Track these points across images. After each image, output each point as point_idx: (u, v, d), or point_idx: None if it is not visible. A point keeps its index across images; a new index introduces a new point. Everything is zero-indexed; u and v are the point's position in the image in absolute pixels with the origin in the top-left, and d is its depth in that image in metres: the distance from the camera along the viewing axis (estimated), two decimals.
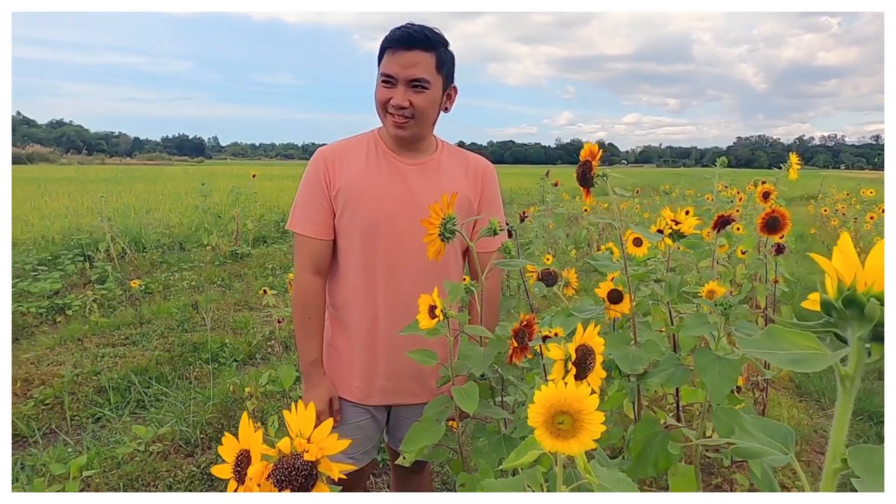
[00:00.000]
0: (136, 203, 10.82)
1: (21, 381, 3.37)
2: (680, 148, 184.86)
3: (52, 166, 42.94)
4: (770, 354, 0.41)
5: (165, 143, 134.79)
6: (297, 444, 0.65)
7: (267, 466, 0.64)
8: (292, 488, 0.63)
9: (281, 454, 0.65)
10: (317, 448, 0.65)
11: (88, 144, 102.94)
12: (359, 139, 1.47)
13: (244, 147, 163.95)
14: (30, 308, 4.64)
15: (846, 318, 0.41)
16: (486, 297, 1.52)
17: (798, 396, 3.47)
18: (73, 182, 17.70)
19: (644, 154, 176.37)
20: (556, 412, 0.87)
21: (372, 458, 1.62)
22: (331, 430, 1.51)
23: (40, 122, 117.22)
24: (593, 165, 1.40)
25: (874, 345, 0.40)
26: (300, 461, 0.64)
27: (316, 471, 0.65)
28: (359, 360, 1.47)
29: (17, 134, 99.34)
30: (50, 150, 68.14)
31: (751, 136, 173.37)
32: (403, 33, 1.32)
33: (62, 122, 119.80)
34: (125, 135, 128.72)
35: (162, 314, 4.69)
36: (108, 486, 2.39)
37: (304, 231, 1.43)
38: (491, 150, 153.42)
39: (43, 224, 7.86)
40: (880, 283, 0.39)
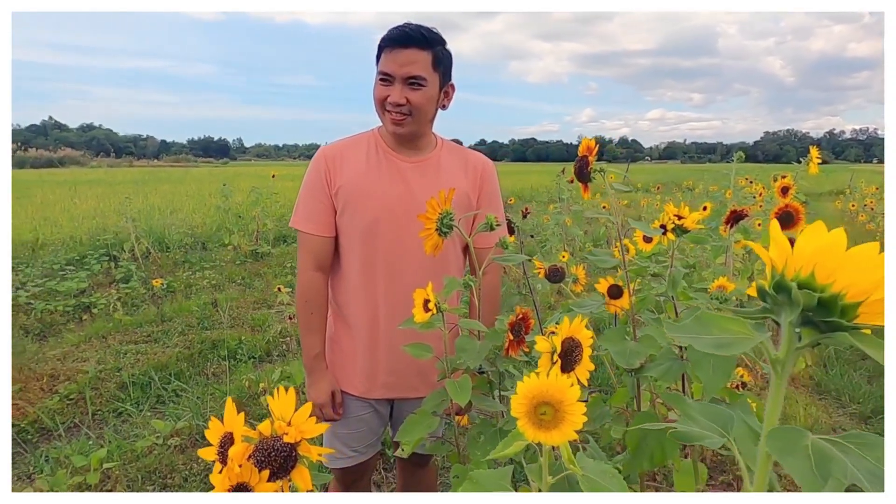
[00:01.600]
0: (161, 204, 11.06)
1: (47, 377, 3.48)
2: (705, 143, 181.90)
3: (82, 169, 44.05)
4: (695, 339, 0.42)
5: (191, 144, 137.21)
6: (278, 427, 0.68)
7: (248, 448, 0.67)
8: (272, 469, 0.66)
9: (262, 436, 0.68)
10: (296, 431, 0.68)
11: (117, 147, 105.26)
12: (359, 138, 1.50)
13: (268, 148, 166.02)
14: (57, 306, 4.79)
15: (779, 304, 0.42)
16: (486, 292, 1.54)
17: (818, 395, 3.41)
18: (101, 184, 18.14)
19: (668, 150, 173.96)
20: (538, 403, 0.89)
21: (376, 450, 1.65)
22: (334, 422, 1.55)
23: (71, 126, 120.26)
24: (590, 161, 1.41)
25: (804, 329, 0.42)
26: (279, 443, 0.67)
27: (295, 453, 0.68)
28: (361, 356, 1.50)
29: (49, 138, 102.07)
30: (80, 154, 69.83)
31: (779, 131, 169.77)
32: (400, 32, 1.35)
33: (92, 126, 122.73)
34: (152, 137, 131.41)
35: (183, 312, 4.79)
36: (127, 478, 2.47)
37: (307, 229, 1.46)
38: (513, 147, 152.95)
39: (72, 225, 8.08)
40: (808, 268, 0.41)
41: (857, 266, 0.39)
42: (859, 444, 0.37)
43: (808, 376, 3.56)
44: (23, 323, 4.53)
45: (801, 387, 3.48)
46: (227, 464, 0.66)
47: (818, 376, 3.51)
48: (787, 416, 2.92)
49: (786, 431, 0.38)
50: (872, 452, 0.37)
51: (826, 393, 3.42)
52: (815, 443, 0.37)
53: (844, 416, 3.15)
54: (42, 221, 8.42)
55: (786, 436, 0.38)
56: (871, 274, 0.39)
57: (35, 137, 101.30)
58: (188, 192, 14.20)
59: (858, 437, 0.38)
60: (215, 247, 7.54)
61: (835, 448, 0.37)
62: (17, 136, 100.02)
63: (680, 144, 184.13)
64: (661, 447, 1.24)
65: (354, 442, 1.57)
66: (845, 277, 0.39)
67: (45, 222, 8.35)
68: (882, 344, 0.39)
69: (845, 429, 2.98)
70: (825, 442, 0.38)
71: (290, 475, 0.68)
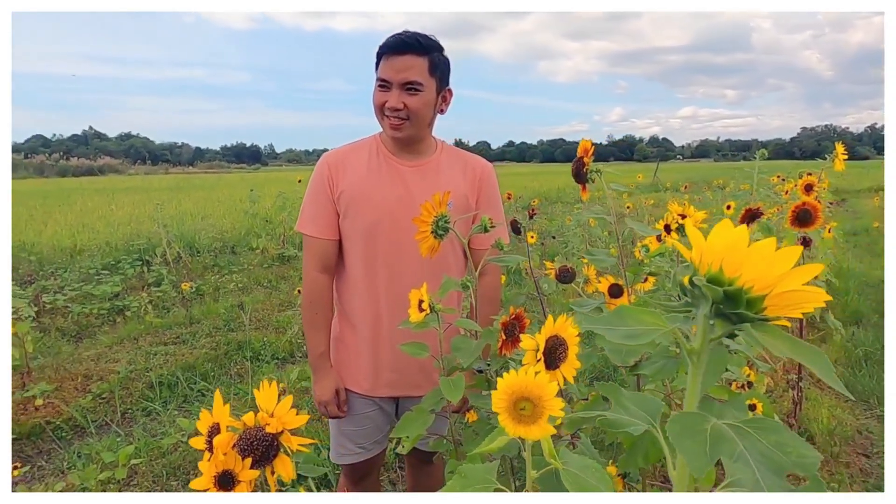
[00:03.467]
0: (193, 210, 11.36)
1: (81, 377, 3.64)
2: (739, 141, 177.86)
3: (120, 177, 45.46)
4: (608, 330, 0.45)
5: (224, 151, 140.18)
6: (260, 418, 0.73)
7: (232, 437, 0.72)
8: (254, 457, 0.70)
9: (245, 426, 0.72)
10: (278, 422, 0.72)
11: (154, 155, 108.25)
12: (361, 143, 1.55)
13: (298, 153, 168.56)
14: (92, 309, 4.98)
15: (696, 298, 0.45)
16: (486, 292, 1.57)
17: (844, 397, 3.33)
18: (138, 191, 18.70)
19: (701, 148, 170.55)
20: (517, 398, 0.92)
21: (382, 447, 1.69)
22: (340, 419, 1.59)
23: (111, 136, 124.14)
24: (586, 162, 1.43)
25: (717, 321, 0.44)
26: (262, 433, 0.71)
27: (277, 442, 0.72)
28: (365, 355, 1.55)
29: (90, 147, 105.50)
30: (119, 162, 72.10)
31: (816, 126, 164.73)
32: (397, 40, 1.40)
33: (130, 135, 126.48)
34: (187, 145, 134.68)
35: (210, 315, 4.93)
36: (153, 474, 2.57)
37: (311, 232, 1.52)
38: (541, 148, 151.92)
39: (108, 231, 8.37)
40: (717, 263, 0.43)
41: (760, 261, 0.41)
42: (758, 429, 0.40)
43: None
44: (60, 325, 4.73)
45: (829, 388, 3.40)
46: (213, 451, 0.70)
47: (845, 377, 3.43)
48: (810, 419, 2.86)
49: (687, 416, 0.41)
50: (769, 436, 0.39)
51: (855, 394, 3.33)
52: (715, 427, 0.40)
53: (871, 419, 3.07)
54: (81, 228, 8.74)
55: (687, 420, 0.40)
56: (773, 268, 0.41)
57: (77, 147, 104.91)
58: (220, 197, 14.54)
59: (760, 422, 0.40)
60: (244, 251, 7.72)
61: (734, 432, 0.39)
62: (60, 145, 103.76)
63: (713, 142, 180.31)
64: (655, 446, 1.25)
65: (361, 439, 1.62)
66: (750, 272, 0.42)
67: (84, 228, 8.67)
68: (782, 335, 0.41)
69: (872, 432, 2.91)
70: (727, 427, 0.40)
71: (272, 463, 0.72)
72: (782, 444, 0.39)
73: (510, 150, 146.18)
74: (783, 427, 0.40)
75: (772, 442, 0.39)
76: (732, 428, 0.40)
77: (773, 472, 0.37)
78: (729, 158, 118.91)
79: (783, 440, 0.39)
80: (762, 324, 0.42)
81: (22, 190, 19.82)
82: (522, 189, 15.59)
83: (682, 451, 0.38)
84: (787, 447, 0.38)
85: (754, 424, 0.40)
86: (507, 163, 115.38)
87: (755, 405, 1.67)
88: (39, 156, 67.35)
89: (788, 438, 0.39)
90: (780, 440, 0.39)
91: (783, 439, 0.39)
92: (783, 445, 0.38)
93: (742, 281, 0.42)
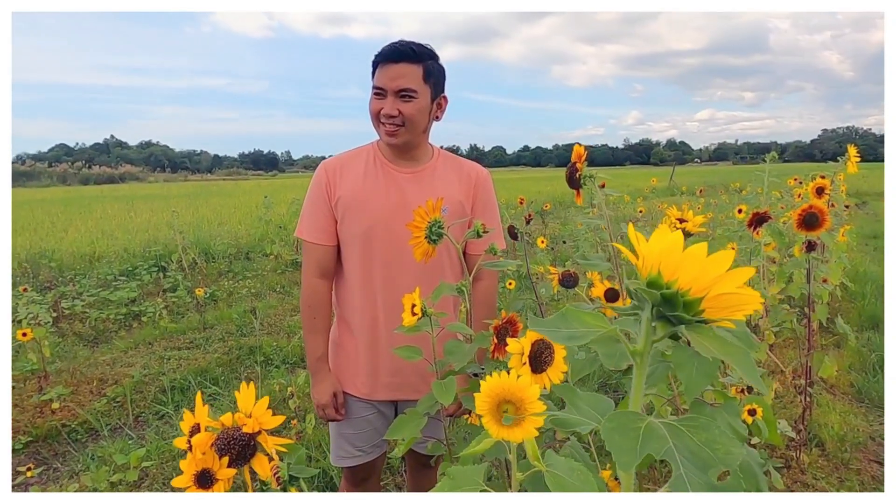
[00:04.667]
0: (210, 216, 11.53)
1: (97, 381, 3.71)
2: (758, 143, 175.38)
3: (140, 184, 46.25)
4: (552, 332, 0.46)
5: (242, 158, 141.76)
6: (238, 419, 0.75)
7: (210, 437, 0.74)
8: (231, 456, 0.73)
9: (224, 427, 0.74)
10: (255, 422, 0.74)
11: (173, 163, 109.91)
12: (359, 151, 1.58)
13: (315, 160, 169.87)
14: (109, 315, 5.07)
15: (641, 301, 0.46)
16: (481, 296, 1.58)
17: (858, 402, 3.27)
18: (157, 198, 19.01)
19: (719, 151, 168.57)
20: (500, 401, 0.93)
21: (382, 451, 1.71)
22: (340, 423, 1.61)
23: (131, 144, 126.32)
24: (578, 168, 1.44)
25: (659, 323, 0.45)
26: (238, 433, 0.73)
27: (254, 442, 0.74)
28: (363, 358, 1.57)
29: (111, 155, 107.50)
30: (140, 169, 73.37)
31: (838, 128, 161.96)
32: (391, 49, 1.42)
33: (150, 143, 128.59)
34: (206, 152, 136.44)
35: (224, 320, 5.00)
36: (163, 476, 2.61)
37: (310, 238, 1.54)
38: (556, 153, 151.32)
39: (126, 238, 8.52)
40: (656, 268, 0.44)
41: (694, 265, 0.42)
42: (691, 427, 0.41)
43: (848, 383, 3.42)
44: (78, 330, 4.83)
45: (842, 394, 3.35)
46: (192, 450, 0.73)
47: (859, 382, 3.37)
48: (821, 424, 2.82)
49: (624, 414, 0.42)
50: (700, 434, 0.40)
51: (869, 400, 3.28)
52: (650, 425, 0.41)
53: None
54: (100, 235, 8.91)
55: (622, 418, 0.41)
56: (707, 272, 0.42)
57: (99, 155, 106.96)
58: (236, 204, 14.72)
59: (693, 421, 0.41)
60: (258, 256, 7.81)
61: (667, 430, 0.40)
62: (83, 154, 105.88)
63: (731, 145, 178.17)
64: None
65: (360, 442, 1.63)
66: (685, 276, 0.43)
67: (103, 235, 8.83)
68: (714, 336, 0.42)
69: (883, 437, 2.85)
70: (661, 424, 0.41)
71: (249, 463, 0.74)
72: (712, 441, 0.40)
73: (525, 155, 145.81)
74: (715, 425, 0.41)
75: (702, 439, 0.40)
76: (666, 426, 0.41)
77: (698, 469, 0.38)
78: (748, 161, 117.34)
79: (713, 438, 0.40)
80: (698, 325, 0.43)
81: (45, 198, 20.26)
82: (536, 193, 15.56)
83: (611, 447, 0.39)
84: (715, 444, 0.39)
85: (688, 423, 0.41)
86: (522, 167, 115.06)
87: (755, 410, 1.66)
88: (63, 164, 68.80)
89: (718, 436, 0.40)
90: (709, 438, 0.40)
91: (713, 437, 0.40)
92: (712, 443, 0.39)
93: (678, 284, 0.43)
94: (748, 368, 0.39)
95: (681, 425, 0.41)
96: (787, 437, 2.50)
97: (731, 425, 1.20)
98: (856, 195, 14.50)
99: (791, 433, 2.35)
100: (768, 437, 1.64)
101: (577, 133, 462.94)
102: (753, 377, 0.39)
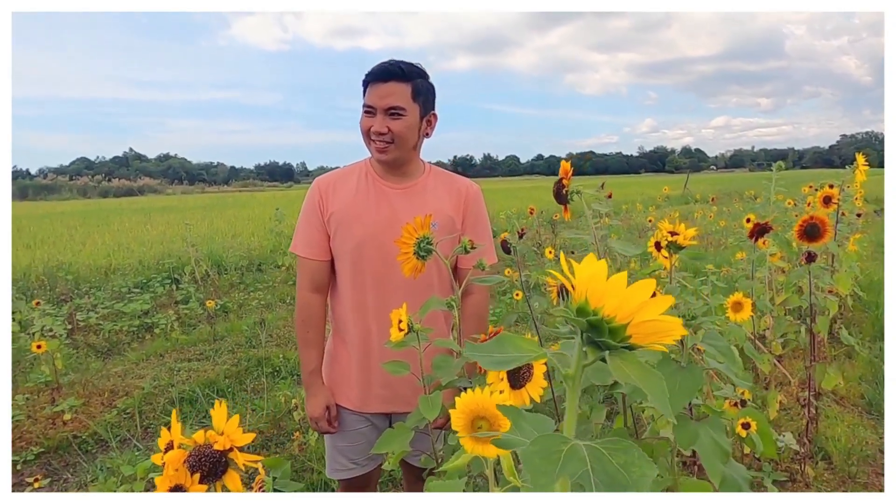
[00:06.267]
0: (224, 228, 11.67)
1: (108, 393, 3.77)
2: (775, 150, 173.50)
3: (158, 196, 46.95)
4: (483, 357, 0.47)
5: (258, 170, 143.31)
6: (210, 436, 0.77)
7: (183, 454, 0.76)
8: (202, 473, 0.75)
9: (196, 444, 0.77)
10: (226, 439, 0.77)
11: (191, 175, 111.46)
12: (352, 168, 1.61)
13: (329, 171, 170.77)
14: (122, 327, 5.16)
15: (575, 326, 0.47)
16: (471, 310, 1.60)
17: (868, 414, 3.22)
18: (173, 211, 19.28)
19: (735, 158, 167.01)
20: (474, 417, 0.94)
21: (377, 463, 1.72)
22: (334, 435, 1.63)
23: (150, 157, 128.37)
24: (565, 184, 1.45)
25: (589, 348, 0.46)
26: (209, 450, 0.75)
27: (225, 459, 0.76)
28: (356, 371, 1.59)
29: (130, 168, 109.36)
30: (157, 182, 74.51)
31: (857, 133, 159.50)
32: (381, 68, 1.45)
33: (168, 156, 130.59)
34: (223, 164, 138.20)
35: (234, 331, 5.06)
36: None
37: (303, 253, 1.57)
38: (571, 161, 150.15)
39: (141, 251, 8.66)
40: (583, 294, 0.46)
41: (616, 293, 0.44)
42: (612, 450, 0.42)
43: (858, 395, 3.37)
44: (92, 342, 4.91)
45: (851, 405, 3.30)
46: (164, 467, 0.75)
47: (869, 394, 3.32)
48: (828, 437, 2.78)
49: (548, 438, 0.43)
50: (619, 457, 0.41)
51: (879, 412, 3.22)
52: (573, 448, 0.42)
53: None
54: (116, 247, 9.07)
55: (546, 441, 0.43)
56: (629, 299, 0.44)
57: (118, 168, 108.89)
58: (250, 216, 14.89)
59: (616, 444, 0.42)
60: (270, 268, 7.90)
61: (588, 453, 0.42)
62: (102, 167, 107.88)
63: (748, 152, 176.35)
64: None
65: (354, 454, 1.65)
66: (610, 303, 0.44)
67: (119, 248, 8.99)
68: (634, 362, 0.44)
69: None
70: (586, 447, 0.42)
71: (221, 479, 0.76)
72: (629, 464, 0.41)
73: (539, 164, 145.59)
74: (635, 448, 0.42)
75: (620, 462, 0.41)
76: (589, 449, 0.42)
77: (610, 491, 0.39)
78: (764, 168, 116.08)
79: (631, 461, 0.41)
80: (623, 351, 0.45)
81: (65, 211, 20.66)
82: (548, 203, 15.53)
83: (529, 469, 0.40)
84: (632, 467, 0.40)
85: (609, 445, 0.42)
86: (536, 176, 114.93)
87: (749, 423, 1.65)
88: (83, 177, 70.08)
89: (636, 459, 0.41)
90: (628, 461, 0.41)
91: (631, 460, 0.41)
92: (629, 466, 0.40)
93: (604, 312, 0.44)
94: (659, 396, 0.40)
95: (603, 448, 0.42)
96: (793, 449, 2.47)
97: (713, 440, 1.21)
98: (875, 202, 14.30)
99: (795, 446, 2.32)
100: (763, 451, 1.63)
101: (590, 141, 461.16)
102: (664, 406, 0.40)
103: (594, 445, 0.43)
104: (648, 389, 0.40)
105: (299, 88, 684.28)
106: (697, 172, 70.38)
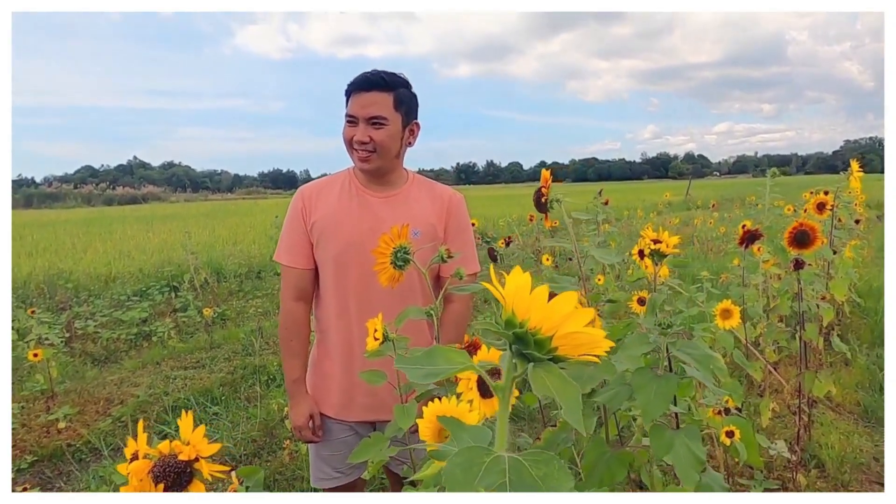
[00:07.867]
0: (225, 235, 11.71)
1: (104, 401, 3.78)
2: (778, 155, 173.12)
3: (162, 204, 47.09)
4: (412, 369, 0.48)
5: (261, 177, 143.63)
6: (175, 446, 0.78)
7: (147, 464, 0.77)
8: (166, 483, 0.76)
9: (161, 454, 0.78)
10: (192, 449, 0.77)
11: (194, 183, 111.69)
12: (336, 177, 1.63)
13: None
14: (120, 335, 5.18)
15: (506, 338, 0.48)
16: (450, 319, 1.61)
17: (865, 422, 3.21)
18: (176, 218, 19.33)
19: (738, 164, 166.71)
20: (441, 426, 0.95)
21: (362, 472, 1.72)
22: (318, 444, 1.64)
23: (154, 165, 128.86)
24: (544, 192, 1.47)
25: (518, 360, 0.47)
26: (174, 460, 0.76)
27: (190, 469, 0.77)
28: (338, 379, 1.60)
29: (134, 176, 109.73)
30: (161, 190, 74.70)
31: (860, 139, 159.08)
32: (363, 78, 1.47)
33: (173, 164, 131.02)
34: (227, 172, 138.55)
35: (230, 339, 5.07)
36: None
37: (286, 262, 1.59)
38: (573, 168, 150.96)
39: (142, 258, 8.69)
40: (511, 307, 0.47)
41: (539, 306, 0.45)
42: (533, 462, 0.43)
43: (855, 402, 3.36)
44: (90, 350, 4.93)
45: (847, 413, 3.28)
46: (129, 477, 0.76)
47: (866, 401, 3.30)
48: (822, 444, 2.77)
49: (471, 450, 0.44)
50: (539, 469, 0.42)
51: (875, 420, 3.21)
52: (495, 459, 0.43)
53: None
54: (117, 255, 9.10)
55: (469, 453, 0.43)
56: (552, 312, 0.45)
57: (123, 176, 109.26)
58: (252, 223, 14.93)
59: (537, 455, 0.43)
60: (269, 275, 7.92)
61: (510, 465, 0.43)
62: (107, 175, 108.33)
63: (751, 157, 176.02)
64: (609, 470, 1.26)
65: (338, 463, 1.66)
66: (535, 316, 0.45)
67: (120, 256, 9.02)
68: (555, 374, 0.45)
69: None
70: (510, 459, 0.43)
71: (186, 489, 0.77)
72: (548, 476, 0.42)
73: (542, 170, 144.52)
74: (555, 460, 0.43)
75: (539, 474, 0.42)
76: (511, 461, 0.43)
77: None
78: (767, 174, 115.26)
79: (550, 472, 0.42)
80: (547, 363, 0.46)
81: (68, 219, 20.75)
82: None
83: (448, 481, 0.41)
84: (550, 479, 0.41)
85: (531, 457, 0.43)
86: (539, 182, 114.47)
87: (733, 431, 1.65)
88: (88, 185, 70.41)
89: (555, 471, 0.42)
90: (547, 472, 0.42)
91: (550, 471, 0.42)
92: (547, 478, 0.41)
93: (530, 324, 0.45)
94: (573, 407, 0.41)
95: (524, 459, 0.43)
96: (785, 458, 2.46)
97: (688, 448, 1.21)
98: (877, 207, 14.25)
99: (786, 454, 2.32)
100: (747, 459, 1.63)
101: (593, 147, 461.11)
102: (575, 417, 0.41)
103: (516, 457, 0.44)
104: (563, 400, 0.41)
105: (303, 96, 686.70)
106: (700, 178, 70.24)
